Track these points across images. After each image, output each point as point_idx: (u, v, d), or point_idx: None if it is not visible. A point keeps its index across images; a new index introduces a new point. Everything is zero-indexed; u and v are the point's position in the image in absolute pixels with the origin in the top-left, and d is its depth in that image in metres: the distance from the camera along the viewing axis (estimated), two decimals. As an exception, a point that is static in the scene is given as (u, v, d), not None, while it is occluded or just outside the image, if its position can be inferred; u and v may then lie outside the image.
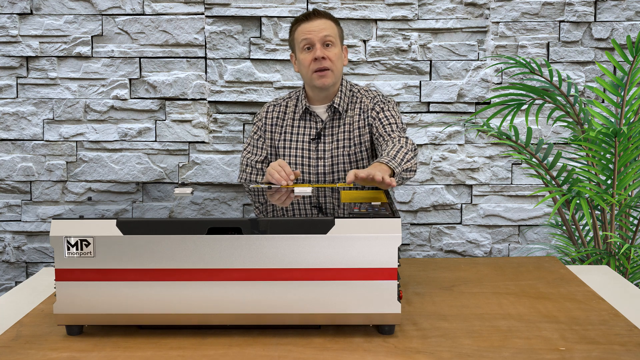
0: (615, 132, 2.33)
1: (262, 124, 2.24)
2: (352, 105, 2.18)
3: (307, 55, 2.10)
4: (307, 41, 2.09)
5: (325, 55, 2.07)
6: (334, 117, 2.17)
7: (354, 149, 2.15)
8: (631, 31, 3.04)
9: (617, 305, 1.57)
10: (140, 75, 3.08)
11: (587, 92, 3.07)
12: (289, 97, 2.26)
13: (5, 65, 3.06)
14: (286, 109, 2.23)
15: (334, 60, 2.09)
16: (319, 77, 2.09)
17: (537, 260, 1.99)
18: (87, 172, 3.12)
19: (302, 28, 2.10)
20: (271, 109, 2.25)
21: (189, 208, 1.56)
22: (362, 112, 2.16)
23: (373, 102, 2.17)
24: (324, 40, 2.08)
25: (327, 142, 2.16)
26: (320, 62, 2.07)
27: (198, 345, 1.34)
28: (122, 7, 3.03)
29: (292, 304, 1.34)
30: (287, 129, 2.19)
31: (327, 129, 2.17)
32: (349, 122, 2.17)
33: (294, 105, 2.22)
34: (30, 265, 3.17)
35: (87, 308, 1.35)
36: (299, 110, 2.18)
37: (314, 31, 2.08)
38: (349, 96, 2.19)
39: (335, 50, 2.10)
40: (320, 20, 2.10)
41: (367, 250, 1.33)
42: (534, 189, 3.11)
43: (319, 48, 2.07)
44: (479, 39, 3.07)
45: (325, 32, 2.08)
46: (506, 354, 1.29)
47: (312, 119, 2.18)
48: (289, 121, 2.20)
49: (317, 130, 2.16)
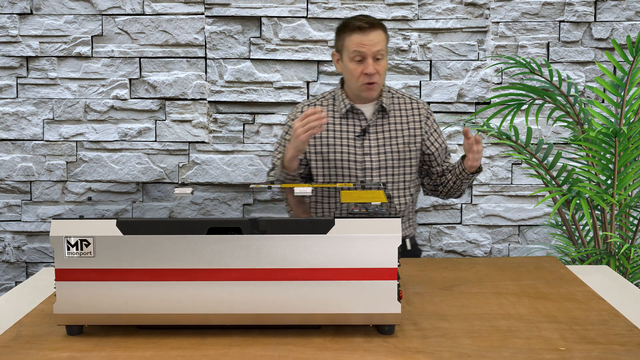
0: (615, 132, 2.33)
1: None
2: (394, 105, 2.23)
3: (357, 67, 2.12)
4: (359, 54, 2.11)
5: (376, 70, 2.11)
6: (379, 115, 2.21)
7: (402, 147, 2.19)
8: (631, 31, 3.04)
9: (617, 305, 1.57)
10: (140, 75, 3.08)
11: (587, 92, 3.07)
12: (322, 97, 2.28)
13: (5, 65, 3.06)
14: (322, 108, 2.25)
15: (382, 74, 2.14)
16: (367, 89, 2.14)
17: (537, 260, 2.00)
18: (87, 172, 3.12)
19: (356, 38, 2.11)
20: (306, 109, 2.25)
21: (189, 208, 1.56)
22: (415, 116, 2.22)
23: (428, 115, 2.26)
24: (375, 55, 2.11)
25: (373, 139, 2.18)
26: (370, 77, 2.11)
27: (198, 345, 1.34)
28: (122, 7, 3.03)
29: (292, 304, 1.34)
30: (328, 127, 2.21)
31: (372, 126, 2.20)
32: (396, 122, 2.21)
33: (331, 104, 2.24)
34: (30, 265, 3.17)
35: (87, 308, 1.35)
36: (340, 109, 2.20)
37: (367, 45, 2.10)
38: (389, 96, 2.24)
39: (384, 63, 2.15)
40: (374, 33, 2.11)
41: (367, 250, 1.33)
42: (534, 189, 3.11)
43: (370, 63, 2.10)
44: (479, 39, 3.07)
45: (378, 47, 2.11)
46: (506, 354, 1.29)
47: (355, 117, 2.21)
48: (329, 119, 2.22)
49: (362, 128, 2.18)
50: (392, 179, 2.18)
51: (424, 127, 2.22)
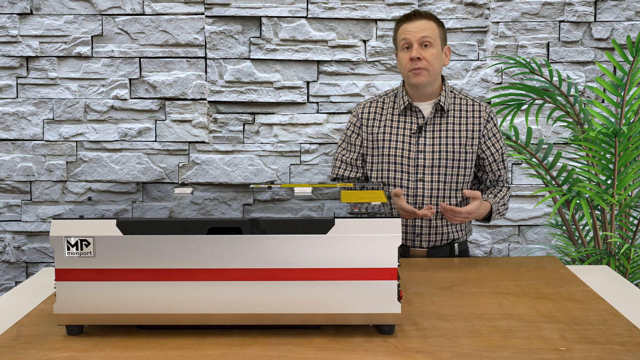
0: (615, 132, 2.33)
1: (357, 120, 2.26)
2: (455, 105, 2.23)
3: (405, 55, 2.14)
4: (406, 41, 2.13)
5: (422, 55, 2.11)
6: (437, 114, 2.20)
7: (458, 148, 2.17)
8: (631, 31, 3.04)
9: (617, 305, 1.57)
10: (140, 75, 3.08)
11: (587, 92, 3.07)
12: (385, 94, 2.30)
13: (5, 65, 3.06)
14: (384, 105, 2.26)
15: (430, 61, 2.13)
16: (414, 74, 2.13)
17: (537, 260, 1.99)
18: (87, 172, 3.12)
19: (403, 28, 2.15)
20: (368, 105, 2.28)
21: (189, 208, 1.56)
22: (475, 118, 2.21)
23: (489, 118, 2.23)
24: (421, 41, 2.12)
25: (429, 137, 2.18)
26: (415, 63, 2.11)
27: (198, 345, 1.34)
28: (122, 7, 3.03)
29: (292, 304, 1.34)
30: (386, 122, 2.22)
31: (429, 124, 2.19)
32: (454, 122, 2.20)
33: (392, 101, 2.26)
34: (30, 265, 3.18)
35: (87, 308, 1.35)
36: (399, 105, 2.21)
37: (412, 32, 2.12)
38: (450, 96, 2.24)
39: (433, 51, 2.13)
40: (420, 22, 2.13)
41: (367, 250, 1.33)
42: (534, 189, 3.11)
43: (415, 48, 2.11)
44: (479, 39, 3.07)
45: (424, 33, 2.11)
46: (506, 354, 1.29)
47: (413, 115, 2.21)
48: (388, 116, 2.23)
49: (418, 125, 2.19)
50: (445, 178, 2.15)
51: (482, 129, 2.19)
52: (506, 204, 2.20)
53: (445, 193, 2.15)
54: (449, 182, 2.14)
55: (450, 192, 2.15)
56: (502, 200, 2.18)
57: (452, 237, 2.18)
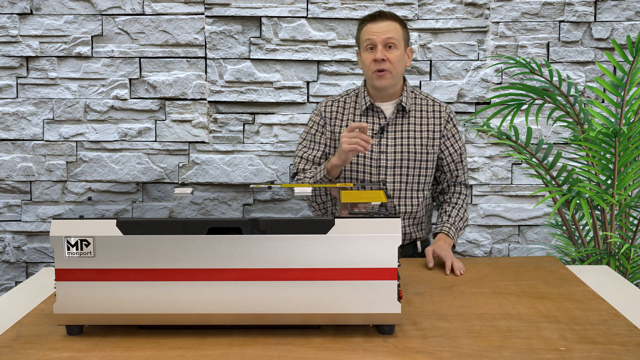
0: (615, 132, 2.33)
1: (320, 118, 2.27)
2: (416, 106, 2.23)
3: (368, 55, 2.15)
4: (370, 42, 2.14)
5: (386, 57, 2.12)
6: (399, 114, 2.21)
7: (419, 148, 2.19)
8: (631, 31, 3.04)
9: (617, 305, 1.57)
10: (140, 75, 3.08)
11: (587, 92, 3.07)
12: (346, 94, 2.31)
13: (5, 65, 3.06)
14: (345, 104, 2.27)
15: (394, 62, 2.13)
16: (378, 77, 2.14)
17: (537, 260, 2.00)
18: (87, 172, 3.12)
19: (367, 28, 2.15)
20: (330, 104, 2.28)
21: (189, 208, 1.56)
22: (435, 119, 2.22)
23: (449, 119, 2.23)
24: (386, 42, 2.12)
25: (391, 138, 2.19)
26: (379, 64, 2.12)
27: (198, 345, 1.34)
28: (122, 7, 3.03)
29: (292, 304, 1.34)
30: (348, 123, 2.23)
31: (391, 125, 2.20)
32: (415, 122, 2.21)
33: (353, 101, 2.26)
34: (30, 265, 3.17)
35: (87, 308, 1.35)
36: (361, 106, 2.21)
37: (377, 33, 2.13)
38: (412, 96, 2.24)
39: (397, 53, 2.14)
40: (385, 23, 2.14)
41: (367, 250, 1.33)
42: (534, 189, 3.11)
43: (380, 50, 2.12)
44: (479, 39, 3.07)
45: (389, 35, 2.12)
46: (506, 354, 1.29)
47: (375, 115, 2.22)
48: (350, 116, 2.24)
49: (380, 125, 2.18)
50: (407, 179, 2.17)
51: (442, 130, 2.21)
52: (464, 216, 2.20)
53: (407, 193, 2.17)
54: (411, 182, 2.17)
55: (412, 193, 2.18)
56: (457, 216, 2.18)
57: (415, 237, 2.23)
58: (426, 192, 2.23)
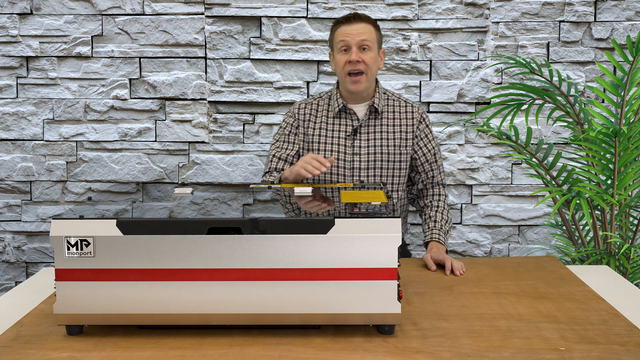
0: (615, 132, 2.33)
1: (294, 120, 2.28)
2: (389, 107, 2.24)
3: (342, 57, 2.16)
4: (344, 43, 2.15)
5: (361, 58, 2.13)
6: (371, 116, 2.22)
7: (392, 149, 2.20)
8: (631, 31, 3.04)
9: (617, 305, 1.57)
10: (140, 75, 3.08)
11: (587, 92, 3.07)
12: (319, 96, 2.32)
13: (5, 65, 3.06)
14: (318, 107, 2.28)
15: (369, 64, 2.15)
16: (352, 81, 2.15)
17: (537, 260, 2.00)
18: (87, 172, 3.12)
19: (342, 30, 2.16)
20: (303, 106, 2.30)
21: (189, 208, 1.56)
22: (408, 119, 2.23)
23: (421, 120, 2.24)
24: (360, 44, 2.14)
25: (364, 139, 2.20)
26: (354, 65, 2.13)
27: (198, 345, 1.34)
28: (122, 7, 3.03)
29: (292, 304, 1.34)
30: (321, 125, 2.24)
31: (364, 126, 2.21)
32: (388, 124, 2.22)
33: (327, 104, 2.28)
34: (30, 265, 3.17)
35: (87, 308, 1.35)
36: (334, 108, 2.23)
37: (351, 34, 2.14)
38: (384, 98, 2.25)
39: (371, 54, 2.15)
40: (359, 24, 2.16)
41: (367, 250, 1.33)
42: (534, 189, 3.11)
43: (355, 51, 2.13)
44: (479, 39, 3.07)
45: (363, 37, 2.13)
46: (506, 354, 1.29)
47: (348, 117, 2.23)
48: (323, 118, 2.25)
49: (353, 127, 2.19)
50: (381, 180, 2.18)
51: (415, 130, 2.22)
52: (448, 218, 2.20)
53: None
54: (385, 183, 2.17)
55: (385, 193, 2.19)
56: (442, 220, 2.17)
57: None
58: (401, 192, 2.23)
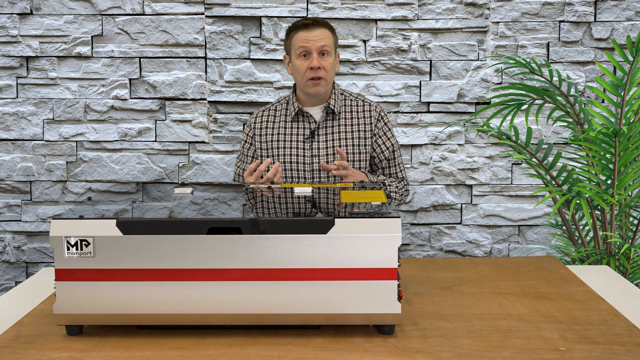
0: (615, 132, 2.33)
1: (250, 130, 2.34)
2: (347, 107, 2.27)
3: (302, 63, 2.19)
4: (304, 49, 2.18)
5: (321, 65, 2.17)
6: (328, 117, 2.25)
7: (351, 149, 2.21)
8: (631, 31, 3.04)
9: (617, 305, 1.57)
10: (140, 75, 3.08)
11: (587, 92, 3.07)
12: (277, 102, 2.36)
13: (5, 65, 3.06)
14: (276, 113, 2.33)
15: (328, 70, 2.19)
16: (313, 85, 2.19)
17: (537, 260, 2.00)
18: (87, 172, 3.12)
19: (301, 35, 2.19)
20: (260, 115, 2.35)
21: (189, 208, 1.56)
22: (365, 118, 2.25)
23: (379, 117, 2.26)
24: (320, 50, 2.18)
25: (322, 141, 2.23)
26: (315, 72, 2.17)
27: (198, 345, 1.34)
28: (122, 7, 3.03)
29: (292, 304, 1.34)
30: (280, 130, 2.28)
31: (322, 128, 2.25)
32: (346, 124, 2.25)
33: (284, 109, 2.33)
34: (30, 265, 3.17)
35: (87, 308, 1.35)
36: (291, 112, 2.25)
37: (311, 40, 2.17)
38: (341, 99, 2.28)
39: (330, 60, 2.20)
40: (319, 30, 2.19)
41: (367, 250, 1.33)
42: (534, 189, 3.11)
43: (315, 58, 2.17)
44: (479, 39, 3.07)
45: (323, 42, 2.18)
46: (506, 354, 1.29)
47: (305, 120, 2.26)
48: (281, 123, 2.29)
49: (311, 130, 2.20)
50: (341, 180, 2.18)
51: (373, 129, 2.24)
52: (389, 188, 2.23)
53: None
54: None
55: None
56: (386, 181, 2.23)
57: None
58: None
